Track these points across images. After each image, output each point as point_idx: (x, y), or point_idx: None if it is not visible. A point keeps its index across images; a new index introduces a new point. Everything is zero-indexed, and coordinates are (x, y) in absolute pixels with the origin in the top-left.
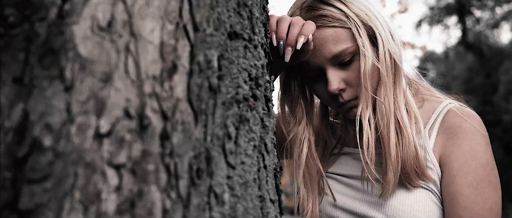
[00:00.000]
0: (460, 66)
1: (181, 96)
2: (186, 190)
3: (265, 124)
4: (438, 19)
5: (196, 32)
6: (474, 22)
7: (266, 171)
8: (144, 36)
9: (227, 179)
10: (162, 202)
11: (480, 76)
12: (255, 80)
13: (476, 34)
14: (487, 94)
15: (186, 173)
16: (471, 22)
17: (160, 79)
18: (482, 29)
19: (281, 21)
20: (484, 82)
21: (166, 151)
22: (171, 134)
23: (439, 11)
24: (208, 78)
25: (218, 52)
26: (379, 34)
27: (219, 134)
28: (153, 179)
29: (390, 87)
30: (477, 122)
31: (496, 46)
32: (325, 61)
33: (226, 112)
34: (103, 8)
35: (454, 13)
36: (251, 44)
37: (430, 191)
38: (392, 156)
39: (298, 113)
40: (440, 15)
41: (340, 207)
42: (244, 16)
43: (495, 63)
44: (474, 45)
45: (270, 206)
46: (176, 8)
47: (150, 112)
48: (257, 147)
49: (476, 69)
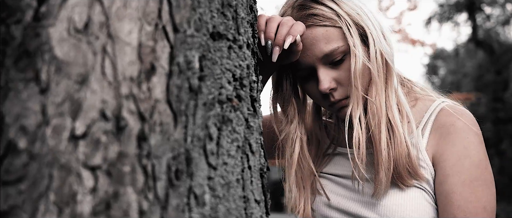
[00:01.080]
0: (470, 63)
1: (160, 98)
2: (164, 191)
3: (250, 124)
4: (448, 16)
5: (176, 33)
6: (484, 19)
7: (251, 172)
8: (121, 38)
9: (208, 180)
10: (138, 203)
11: (490, 74)
12: (240, 80)
13: (486, 31)
14: (498, 92)
15: (164, 174)
16: (481, 19)
17: (138, 81)
18: (493, 26)
19: (270, 21)
20: (494, 80)
21: (143, 152)
22: (148, 135)
23: (448, 8)
24: (188, 79)
25: (200, 53)
26: (370, 33)
27: (200, 135)
28: (129, 181)
29: (382, 86)
30: (470, 120)
31: (507, 43)
32: (316, 61)
33: (207, 112)
34: (79, 10)
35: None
36: (235, 44)
37: (423, 190)
38: (383, 155)
39: (290, 112)
40: (450, 12)
41: (334, 207)
42: (228, 17)
43: (505, 60)
44: (484, 42)
45: (255, 206)
46: (155, 9)
47: (127, 113)
48: (241, 148)
49: (487, 66)
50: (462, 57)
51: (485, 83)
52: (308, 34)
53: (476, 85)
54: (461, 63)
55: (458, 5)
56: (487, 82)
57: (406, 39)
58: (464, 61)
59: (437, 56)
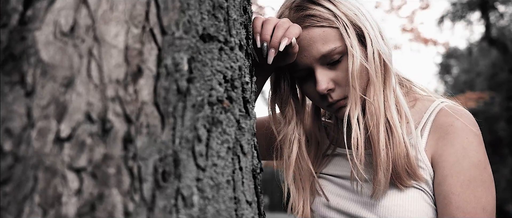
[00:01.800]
0: (484, 62)
1: (147, 100)
2: (150, 193)
3: (242, 125)
4: (461, 15)
5: (164, 35)
6: (497, 17)
7: (242, 173)
8: (107, 41)
9: (197, 181)
10: (123, 205)
11: (504, 72)
12: (231, 82)
13: (499, 29)
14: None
15: (150, 176)
16: (494, 17)
17: (124, 83)
18: (506, 24)
19: (266, 23)
20: (508, 78)
21: (129, 154)
22: (135, 137)
23: (461, 7)
24: (176, 81)
25: (189, 55)
26: (367, 34)
27: (189, 137)
28: (114, 182)
29: (380, 87)
30: (469, 120)
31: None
32: (314, 61)
33: (196, 114)
34: (65, 14)
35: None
36: (227, 46)
37: (422, 191)
38: (381, 156)
39: (288, 113)
40: (463, 10)
41: (333, 208)
42: (219, 18)
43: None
44: (498, 41)
45: (246, 207)
46: (142, 12)
47: (113, 116)
48: (232, 149)
49: (500, 65)
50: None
51: (498, 82)
52: (305, 35)
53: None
54: (474, 62)
55: (471, 3)
56: (501, 81)
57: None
58: (477, 60)
59: (450, 55)
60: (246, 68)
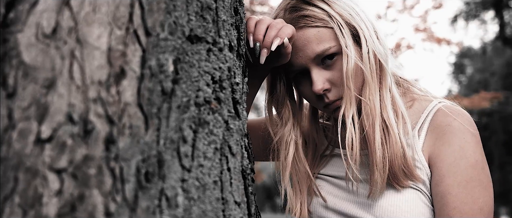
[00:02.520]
0: (498, 61)
1: (130, 101)
2: (132, 194)
3: (230, 126)
4: (475, 14)
5: (148, 36)
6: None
7: (230, 173)
8: (90, 42)
9: (182, 182)
10: (104, 205)
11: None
12: (219, 83)
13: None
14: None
15: (133, 177)
16: (509, 16)
17: (107, 84)
18: None
19: (259, 23)
20: None
21: (111, 155)
22: (117, 138)
23: (475, 6)
24: (160, 82)
25: (174, 56)
26: (362, 34)
27: (174, 137)
28: (95, 183)
29: (375, 87)
30: (466, 120)
31: None
32: (309, 61)
33: (181, 115)
34: (48, 16)
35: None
36: (215, 47)
37: (419, 191)
38: (377, 156)
39: (285, 114)
40: (477, 9)
41: (331, 209)
42: (208, 19)
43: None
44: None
45: (234, 208)
46: (126, 14)
47: (94, 117)
48: (219, 150)
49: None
50: (490, 55)
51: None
52: (300, 36)
53: (504, 84)
54: (488, 62)
55: (485, 2)
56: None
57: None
58: (491, 59)
59: (464, 55)
60: (237, 69)
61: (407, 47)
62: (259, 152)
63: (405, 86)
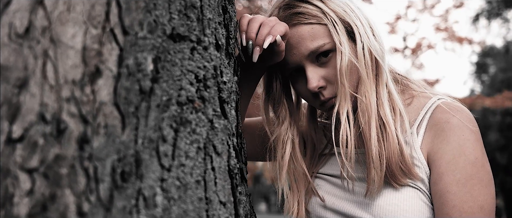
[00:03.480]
0: None
1: (106, 100)
2: (107, 193)
3: (215, 125)
4: (497, 12)
5: (126, 35)
6: None
7: (215, 173)
8: (64, 42)
9: (161, 181)
10: (76, 205)
11: None
12: (204, 81)
13: None
14: None
15: (108, 176)
16: None
17: (81, 84)
18: None
19: (252, 21)
20: None
21: (85, 154)
22: (91, 137)
23: (497, 4)
24: (138, 81)
25: (153, 54)
26: (357, 30)
27: (152, 137)
28: (67, 183)
29: (371, 84)
30: (465, 117)
31: None
32: (303, 59)
33: (161, 114)
34: (21, 16)
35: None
36: (200, 45)
37: (418, 190)
38: (373, 153)
39: (281, 113)
40: (499, 8)
41: (329, 208)
42: (192, 18)
43: None
44: None
45: (219, 208)
46: (102, 13)
47: (67, 116)
48: (203, 149)
49: None
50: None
51: None
52: (294, 33)
53: None
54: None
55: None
56: None
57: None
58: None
59: (486, 54)
60: (225, 68)
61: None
62: (256, 152)
63: (404, 83)
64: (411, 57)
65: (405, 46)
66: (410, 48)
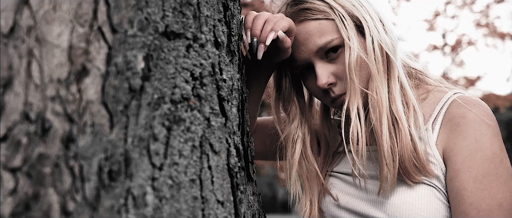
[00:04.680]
0: None
1: (93, 99)
2: (94, 192)
3: (212, 124)
4: None
5: (114, 33)
6: None
7: (212, 172)
8: (49, 41)
9: (152, 180)
10: (60, 204)
11: None
12: (200, 79)
13: None
14: None
15: (94, 175)
16: None
17: (66, 83)
18: None
19: (257, 18)
20: None
21: (70, 153)
22: (77, 136)
23: None
24: (128, 79)
25: (144, 52)
26: (366, 25)
27: (143, 135)
28: (51, 182)
29: (382, 79)
30: (482, 111)
31: None
32: (312, 55)
33: (152, 112)
34: (6, 15)
35: None
36: (196, 43)
37: (433, 187)
38: (385, 150)
39: (292, 111)
40: None
41: (343, 207)
42: (188, 15)
43: None
44: None
45: (217, 207)
46: (89, 11)
47: (52, 115)
48: (198, 148)
49: None
50: None
51: None
52: (301, 29)
53: None
54: None
55: None
56: None
57: (494, 33)
58: None
59: None
60: (227, 66)
61: (468, 44)
62: (267, 151)
63: (419, 78)
64: (451, 55)
65: (445, 44)
66: (449, 45)
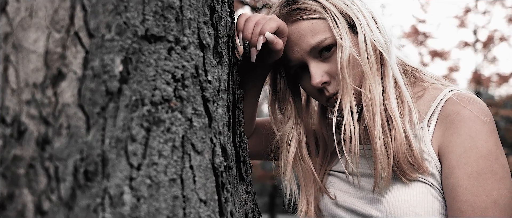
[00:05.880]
0: None
1: (69, 102)
2: (69, 192)
3: (194, 124)
4: None
5: (91, 38)
6: None
7: (193, 171)
8: (26, 47)
9: (130, 180)
10: (35, 204)
11: None
12: (182, 81)
13: None
14: None
15: (70, 176)
16: None
17: (42, 87)
18: None
19: (248, 20)
20: None
21: (45, 155)
22: (52, 138)
23: None
24: (104, 82)
25: (122, 56)
26: (358, 23)
27: (120, 136)
28: (25, 182)
29: (375, 77)
30: (477, 108)
31: None
32: (305, 55)
33: (130, 114)
34: None
35: None
36: (178, 45)
37: (428, 185)
38: (378, 148)
39: (287, 111)
40: None
41: (340, 205)
42: (169, 19)
43: None
44: None
45: (199, 205)
46: (65, 17)
47: (27, 118)
48: (180, 148)
49: None
50: None
51: None
52: (294, 29)
53: None
54: None
55: None
56: None
57: None
58: None
59: None
60: (213, 67)
61: (500, 40)
62: (262, 151)
63: (415, 75)
64: (483, 51)
65: (476, 40)
66: (481, 41)
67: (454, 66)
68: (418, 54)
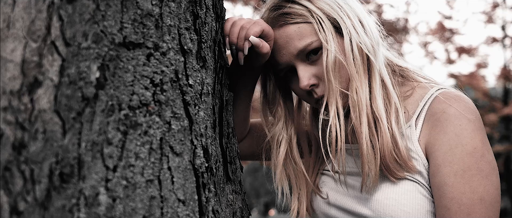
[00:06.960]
0: None
1: (46, 108)
2: (44, 193)
3: (172, 127)
4: None
5: (68, 46)
6: None
7: (171, 172)
8: (3, 56)
9: (106, 181)
10: (10, 205)
11: None
12: (160, 85)
13: None
14: None
15: (45, 178)
16: None
17: (19, 94)
18: None
19: (233, 25)
20: None
21: (21, 158)
22: (28, 142)
23: None
24: (80, 88)
25: (99, 63)
26: (344, 26)
27: (96, 140)
28: (1, 184)
29: (362, 79)
30: (463, 106)
31: None
32: (293, 58)
33: (106, 118)
34: None
35: None
36: (157, 51)
37: (416, 183)
38: (364, 148)
39: (277, 113)
40: None
41: (332, 204)
42: (149, 26)
43: None
44: None
45: (177, 205)
46: (42, 27)
47: (3, 124)
48: (157, 150)
49: None
50: None
51: None
52: (281, 33)
53: None
54: None
55: None
56: None
57: None
58: None
59: None
60: (196, 71)
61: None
62: (255, 152)
63: (404, 75)
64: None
65: (505, 36)
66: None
67: (482, 63)
68: (445, 51)
